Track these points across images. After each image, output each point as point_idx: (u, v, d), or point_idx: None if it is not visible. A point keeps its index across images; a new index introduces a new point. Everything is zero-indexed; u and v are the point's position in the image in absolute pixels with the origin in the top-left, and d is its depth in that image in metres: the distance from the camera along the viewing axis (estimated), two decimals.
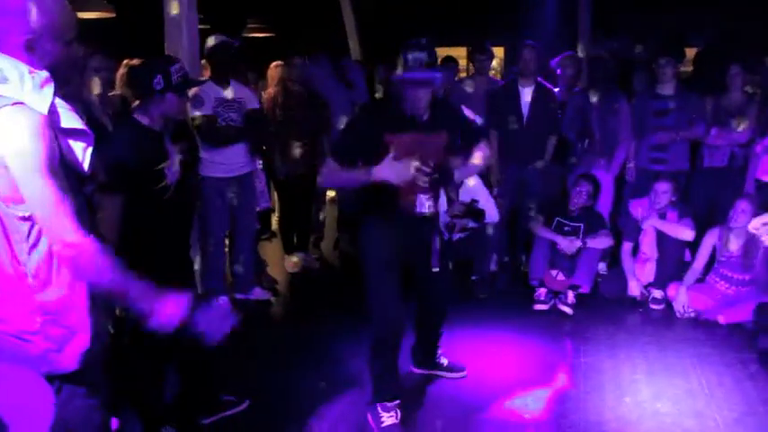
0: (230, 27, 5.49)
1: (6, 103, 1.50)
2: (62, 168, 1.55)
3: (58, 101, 1.60)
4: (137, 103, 2.91)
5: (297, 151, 5.03)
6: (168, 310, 1.71)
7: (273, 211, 5.73)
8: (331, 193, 6.23)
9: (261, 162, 5.25)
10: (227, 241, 4.76)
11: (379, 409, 3.14)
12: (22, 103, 1.51)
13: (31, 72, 1.54)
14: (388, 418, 3.11)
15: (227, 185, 4.40)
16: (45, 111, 1.53)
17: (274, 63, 5.23)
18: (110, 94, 3.86)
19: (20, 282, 1.59)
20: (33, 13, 1.56)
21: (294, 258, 5.42)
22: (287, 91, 5.06)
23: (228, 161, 4.36)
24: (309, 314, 4.61)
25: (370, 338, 3.16)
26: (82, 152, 1.63)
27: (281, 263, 5.47)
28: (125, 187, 2.61)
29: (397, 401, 3.17)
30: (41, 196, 1.51)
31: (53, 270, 1.62)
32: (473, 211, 4.06)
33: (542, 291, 4.63)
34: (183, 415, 3.05)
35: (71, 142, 1.61)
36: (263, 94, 5.19)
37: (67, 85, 1.63)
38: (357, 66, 6.11)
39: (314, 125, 5.12)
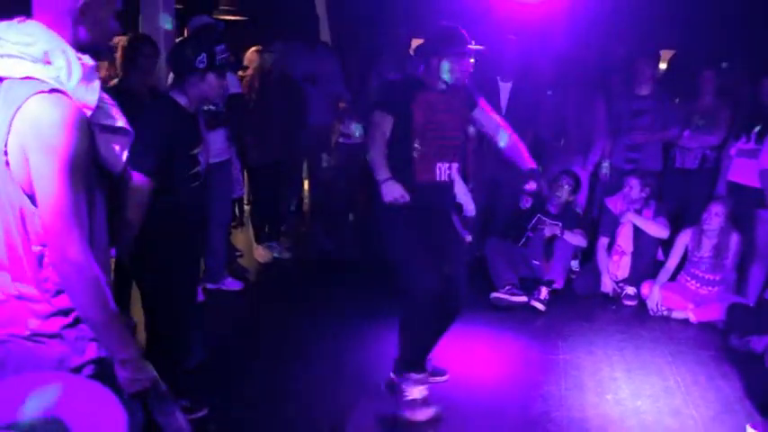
0: (202, 7, 5.30)
1: (42, 89, 1.35)
2: (92, 167, 1.41)
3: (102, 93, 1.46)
4: (172, 81, 2.73)
5: (271, 139, 4.93)
6: (126, 374, 1.50)
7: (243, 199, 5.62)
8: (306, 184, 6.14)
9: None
10: None
11: (403, 381, 3.10)
12: (60, 91, 1.36)
13: (79, 59, 1.40)
14: (415, 392, 3.08)
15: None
16: (94, 104, 1.39)
17: (254, 48, 5.08)
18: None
19: (37, 284, 1.45)
20: None
21: (265, 248, 5.32)
22: (264, 77, 4.93)
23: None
24: (280, 305, 4.52)
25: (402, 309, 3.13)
26: (119, 152, 1.49)
27: (250, 252, 5.36)
28: (156, 170, 2.43)
29: (426, 374, 3.13)
30: (53, 199, 1.35)
31: None
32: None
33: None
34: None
35: (109, 140, 1.47)
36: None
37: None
38: (330, 54, 5.96)
39: (290, 113, 5.02)
